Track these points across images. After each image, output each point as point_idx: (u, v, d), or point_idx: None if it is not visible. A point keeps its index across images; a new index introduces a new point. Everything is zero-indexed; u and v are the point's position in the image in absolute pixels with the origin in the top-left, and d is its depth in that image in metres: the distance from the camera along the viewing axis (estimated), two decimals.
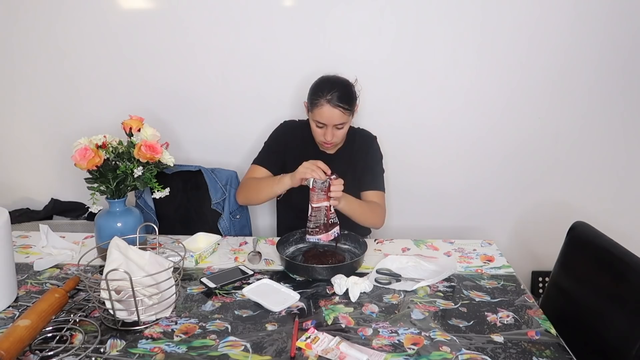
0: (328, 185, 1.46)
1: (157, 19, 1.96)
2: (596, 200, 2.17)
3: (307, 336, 1.13)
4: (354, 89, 1.64)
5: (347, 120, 1.61)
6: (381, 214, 1.71)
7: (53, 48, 2.01)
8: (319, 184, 1.45)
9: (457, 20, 1.94)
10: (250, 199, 1.74)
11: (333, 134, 1.61)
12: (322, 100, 1.56)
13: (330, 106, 1.55)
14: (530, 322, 1.21)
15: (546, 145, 2.11)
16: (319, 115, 1.58)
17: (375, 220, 1.71)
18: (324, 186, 1.45)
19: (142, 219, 1.52)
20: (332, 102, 1.55)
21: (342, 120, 1.58)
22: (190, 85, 2.05)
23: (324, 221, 1.49)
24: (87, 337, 1.13)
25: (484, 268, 1.49)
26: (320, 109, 1.57)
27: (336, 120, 1.58)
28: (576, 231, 1.39)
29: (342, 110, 1.56)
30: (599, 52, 1.97)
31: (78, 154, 1.37)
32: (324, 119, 1.58)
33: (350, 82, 1.65)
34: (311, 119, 1.64)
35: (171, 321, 1.21)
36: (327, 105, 1.55)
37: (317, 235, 1.50)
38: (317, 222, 1.48)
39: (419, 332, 1.16)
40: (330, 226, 1.50)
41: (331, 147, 1.68)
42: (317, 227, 1.49)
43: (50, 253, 1.56)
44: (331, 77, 1.63)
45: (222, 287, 1.36)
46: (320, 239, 1.50)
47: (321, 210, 1.47)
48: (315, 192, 1.46)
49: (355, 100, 1.63)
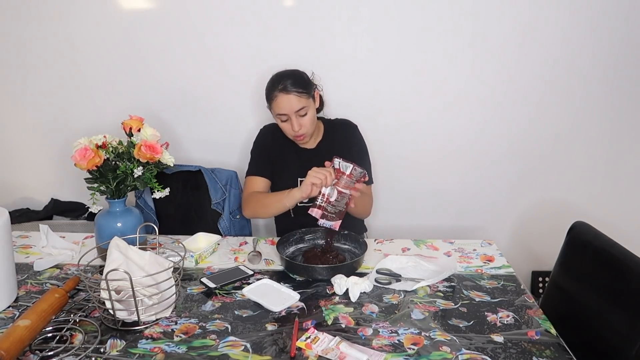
0: (362, 175, 1.45)
1: (158, 19, 1.96)
2: (596, 200, 2.17)
3: (307, 336, 1.12)
4: (306, 76, 1.66)
5: (307, 104, 1.60)
6: (371, 205, 1.76)
7: (53, 48, 2.02)
8: (357, 173, 1.44)
9: (455, 19, 1.94)
10: (258, 214, 1.71)
11: (299, 123, 1.60)
12: (275, 92, 1.58)
13: (284, 94, 1.57)
14: (530, 322, 1.21)
15: (546, 144, 2.11)
16: (277, 108, 1.60)
17: (368, 211, 1.76)
18: (360, 175, 1.44)
19: (142, 219, 1.52)
20: (284, 89, 1.57)
21: (300, 104, 1.58)
22: (190, 85, 2.05)
23: (343, 208, 1.48)
24: (87, 337, 1.13)
25: (484, 268, 1.49)
26: (276, 100, 1.59)
27: (295, 106, 1.58)
28: (576, 231, 1.39)
29: (296, 94, 1.57)
30: (599, 49, 1.97)
31: (78, 154, 1.37)
32: (282, 109, 1.59)
33: (301, 71, 1.67)
34: (275, 117, 1.65)
35: (171, 321, 1.21)
36: (280, 94, 1.57)
37: (331, 222, 1.47)
38: (337, 207, 1.46)
39: (419, 332, 1.16)
40: (342, 215, 1.48)
41: (305, 138, 1.66)
42: (334, 213, 1.47)
43: (50, 253, 1.56)
44: (280, 72, 1.65)
45: (222, 287, 1.36)
46: (332, 225, 1.48)
47: (345, 198, 1.46)
48: (348, 179, 1.44)
49: (309, 84, 1.64)
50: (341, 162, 1.45)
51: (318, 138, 1.74)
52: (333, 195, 1.45)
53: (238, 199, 1.93)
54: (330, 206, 1.46)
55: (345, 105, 2.02)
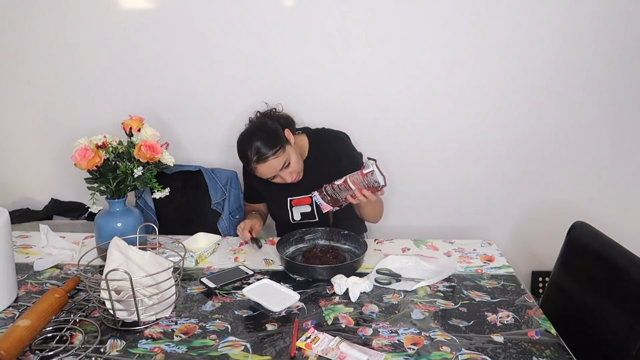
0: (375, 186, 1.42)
1: (158, 19, 1.96)
2: (596, 200, 2.17)
3: (307, 336, 1.13)
4: (270, 123, 1.59)
5: (287, 154, 1.55)
6: (381, 211, 1.74)
7: (53, 48, 2.01)
8: (371, 179, 1.40)
9: (455, 20, 1.94)
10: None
11: (288, 173, 1.57)
12: (251, 164, 1.54)
13: (262, 164, 1.52)
14: (530, 322, 1.21)
15: (546, 144, 2.11)
16: (262, 176, 1.57)
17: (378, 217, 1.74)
18: (374, 184, 1.41)
19: (142, 219, 1.52)
20: (260, 160, 1.51)
21: (281, 162, 1.54)
22: (190, 85, 2.05)
23: (340, 198, 1.47)
24: (87, 337, 1.13)
25: (484, 268, 1.49)
26: (257, 171, 1.55)
27: (278, 167, 1.54)
28: (576, 231, 1.39)
29: (273, 157, 1.51)
30: (600, 50, 1.97)
31: (78, 154, 1.37)
32: (267, 175, 1.56)
33: (261, 122, 1.61)
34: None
35: (171, 321, 1.21)
36: (259, 165, 1.53)
37: (323, 200, 1.49)
38: (335, 193, 1.47)
39: (419, 332, 1.16)
40: (337, 205, 1.50)
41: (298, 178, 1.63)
42: (330, 196, 1.48)
43: (50, 253, 1.56)
44: (244, 135, 1.57)
45: (222, 287, 1.36)
46: (321, 204, 1.51)
47: (348, 191, 1.45)
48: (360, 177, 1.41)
49: (278, 133, 1.56)
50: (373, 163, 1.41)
51: (303, 156, 1.69)
52: (338, 180, 1.45)
53: (238, 199, 1.93)
54: (330, 188, 1.47)
55: (343, 108, 2.03)
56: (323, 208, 1.52)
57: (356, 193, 1.44)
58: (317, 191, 1.51)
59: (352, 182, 1.43)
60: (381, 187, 1.43)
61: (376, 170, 1.41)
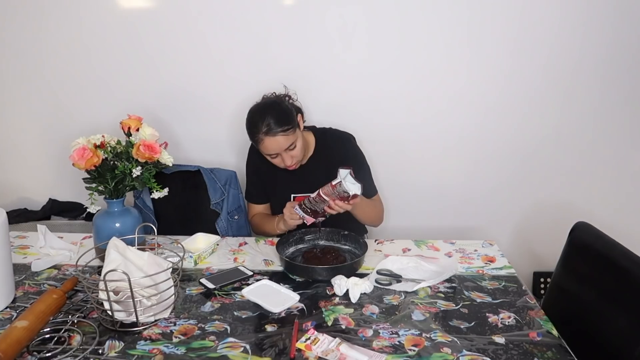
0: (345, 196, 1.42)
1: (157, 17, 1.96)
2: (598, 200, 2.16)
3: (307, 337, 1.12)
4: (286, 103, 1.60)
5: (295, 138, 1.56)
6: (382, 212, 1.74)
7: (51, 47, 2.01)
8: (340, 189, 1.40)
9: (455, 18, 1.93)
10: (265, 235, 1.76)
11: (290, 156, 1.57)
12: (259, 135, 1.52)
13: (270, 137, 1.52)
14: (532, 323, 1.20)
15: (548, 144, 2.11)
16: (265, 150, 1.56)
17: (376, 221, 1.74)
18: (343, 194, 1.41)
19: (141, 219, 1.52)
20: (270, 132, 1.51)
21: (288, 142, 1.54)
22: (189, 84, 2.05)
23: (318, 210, 1.48)
24: (85, 339, 1.13)
25: (485, 269, 1.49)
26: (263, 143, 1.54)
27: (284, 146, 1.54)
28: (578, 232, 1.39)
29: (282, 134, 1.52)
30: (603, 50, 1.97)
31: (76, 154, 1.37)
32: (271, 150, 1.55)
33: (279, 98, 1.62)
34: (262, 153, 1.61)
35: (170, 322, 1.20)
36: (266, 138, 1.52)
37: (304, 213, 1.51)
38: (313, 206, 1.48)
39: (420, 334, 1.16)
40: (319, 215, 1.51)
41: (296, 166, 1.63)
42: (309, 209, 1.49)
43: (48, 254, 1.56)
44: (258, 107, 1.59)
45: (222, 288, 1.36)
46: (304, 217, 1.52)
47: (323, 202, 1.45)
48: (330, 188, 1.42)
49: (292, 114, 1.57)
50: (346, 172, 1.42)
51: (309, 153, 1.70)
52: (314, 193, 1.46)
53: (237, 199, 1.93)
54: (307, 201, 1.48)
55: (343, 107, 2.02)
56: (306, 220, 1.53)
57: (330, 204, 1.44)
58: (297, 204, 1.52)
59: (325, 194, 1.44)
60: (352, 197, 1.42)
61: (345, 180, 1.40)
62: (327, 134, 1.75)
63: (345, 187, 1.40)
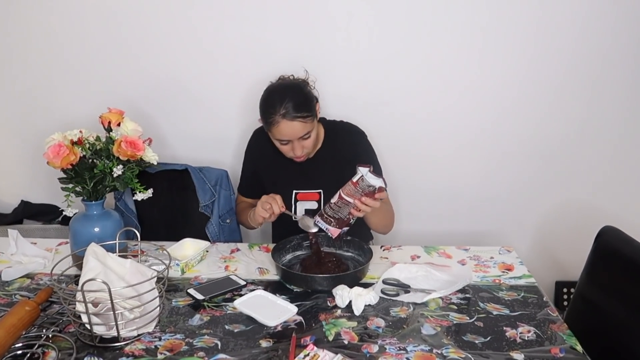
0: (372, 191, 1.42)
1: (139, 4, 1.96)
2: (626, 202, 2.17)
3: (305, 354, 1.13)
4: (307, 88, 1.61)
5: (312, 126, 1.57)
6: (393, 217, 1.74)
7: (23, 34, 2.01)
8: (364, 184, 1.41)
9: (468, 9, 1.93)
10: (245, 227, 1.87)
11: (302, 145, 1.58)
12: (276, 116, 1.51)
13: (287, 120, 1.51)
14: (554, 337, 1.21)
15: (572, 142, 2.11)
16: (278, 134, 1.55)
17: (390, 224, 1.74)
18: (369, 189, 1.41)
19: (122, 224, 1.52)
20: (287, 115, 1.50)
21: (305, 130, 1.54)
22: (177, 75, 2.05)
23: (343, 216, 1.47)
24: (61, 355, 1.13)
25: (502, 278, 1.49)
26: (277, 126, 1.53)
27: (299, 133, 1.54)
28: (604, 237, 1.39)
29: (301, 120, 1.52)
30: (634, 39, 1.96)
31: (51, 151, 1.37)
32: (284, 136, 1.55)
33: (301, 82, 1.62)
34: (272, 138, 1.60)
35: (154, 337, 1.21)
36: (283, 121, 1.51)
37: (327, 224, 1.49)
38: (336, 213, 1.46)
39: (430, 349, 1.16)
40: (344, 224, 1.49)
41: (305, 158, 1.64)
42: (332, 218, 1.47)
43: (20, 261, 1.56)
44: (279, 86, 1.59)
45: (211, 299, 1.36)
46: (328, 229, 1.49)
47: (348, 205, 1.45)
48: (352, 187, 1.42)
49: (312, 101, 1.58)
50: (360, 168, 1.42)
51: (317, 145, 1.71)
52: (334, 198, 1.45)
53: (229, 201, 1.94)
54: (329, 208, 1.47)
55: (348, 100, 2.03)
56: (332, 233, 1.50)
57: (357, 204, 1.43)
58: (319, 215, 1.50)
59: (347, 195, 1.44)
60: (378, 190, 1.42)
61: (367, 175, 1.41)
62: (337, 127, 1.76)
63: (369, 181, 1.40)
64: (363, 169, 1.41)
